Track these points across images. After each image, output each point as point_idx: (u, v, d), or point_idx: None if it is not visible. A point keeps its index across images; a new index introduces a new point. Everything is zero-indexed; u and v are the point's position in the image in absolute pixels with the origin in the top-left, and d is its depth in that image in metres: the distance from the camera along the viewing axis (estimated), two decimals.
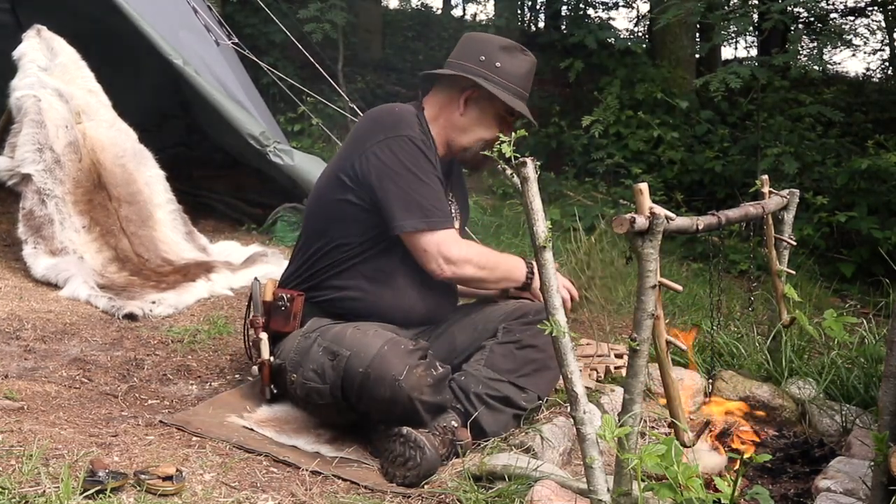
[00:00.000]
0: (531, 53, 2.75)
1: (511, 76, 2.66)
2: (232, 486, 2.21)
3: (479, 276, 2.65)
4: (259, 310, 2.78)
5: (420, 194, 2.55)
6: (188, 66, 5.01)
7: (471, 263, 2.61)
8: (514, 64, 2.68)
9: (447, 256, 2.57)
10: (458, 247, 2.60)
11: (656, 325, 1.91)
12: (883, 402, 1.93)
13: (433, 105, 2.74)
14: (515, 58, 2.69)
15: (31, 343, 3.29)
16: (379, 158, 2.57)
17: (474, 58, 2.67)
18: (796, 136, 7.08)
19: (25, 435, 2.36)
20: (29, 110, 4.28)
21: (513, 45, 2.72)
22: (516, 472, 2.20)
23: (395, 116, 2.64)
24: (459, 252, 2.59)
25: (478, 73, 2.64)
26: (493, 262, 2.69)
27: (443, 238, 2.57)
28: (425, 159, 2.58)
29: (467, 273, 2.62)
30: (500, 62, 2.66)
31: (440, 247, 2.56)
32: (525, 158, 1.92)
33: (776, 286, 2.99)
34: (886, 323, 3.37)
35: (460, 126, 2.70)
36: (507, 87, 2.65)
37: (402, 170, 2.55)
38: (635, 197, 1.86)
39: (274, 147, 5.24)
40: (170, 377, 3.10)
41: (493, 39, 2.74)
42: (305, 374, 2.53)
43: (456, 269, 2.59)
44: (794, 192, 3.07)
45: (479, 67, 2.65)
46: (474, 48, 2.71)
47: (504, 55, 2.67)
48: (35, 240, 4.15)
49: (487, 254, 2.72)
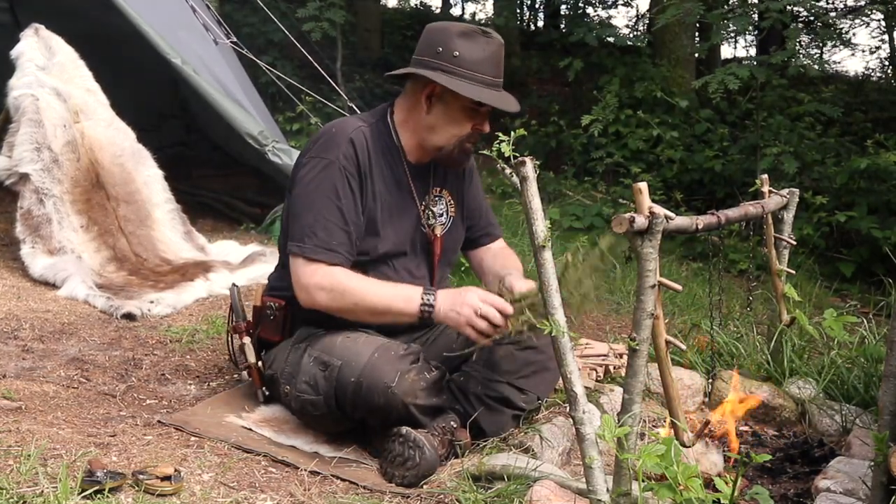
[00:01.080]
0: (496, 35, 2.55)
1: (472, 63, 2.47)
2: (230, 486, 2.21)
3: (335, 306, 2.47)
4: (241, 316, 2.79)
5: (306, 218, 2.48)
6: (187, 66, 5.01)
7: (324, 291, 2.45)
8: (474, 50, 2.48)
9: (299, 282, 2.49)
10: (314, 273, 2.46)
11: (656, 324, 1.91)
12: (883, 402, 1.92)
13: (401, 108, 2.63)
14: (475, 42, 2.49)
15: (29, 343, 3.28)
16: (293, 176, 2.58)
17: (432, 50, 2.51)
18: (796, 135, 7.08)
19: (23, 435, 2.35)
20: (27, 109, 4.28)
21: (472, 30, 2.52)
22: (515, 472, 2.19)
23: (327, 136, 2.55)
24: (313, 279, 2.45)
25: (434, 67, 2.48)
26: (359, 292, 2.45)
27: (302, 266, 2.47)
28: (331, 185, 2.48)
29: (321, 301, 2.47)
30: (459, 50, 2.47)
31: (297, 270, 2.49)
32: (524, 158, 1.91)
33: (776, 286, 2.99)
34: (886, 322, 3.37)
35: (429, 126, 2.56)
36: (469, 76, 2.46)
37: (302, 191, 2.51)
38: (635, 196, 1.85)
39: (272, 146, 5.23)
40: (168, 377, 3.09)
41: (450, 27, 2.54)
42: (298, 386, 2.51)
43: (306, 297, 2.48)
44: (793, 192, 3.07)
45: (435, 60, 2.49)
46: (431, 40, 2.54)
47: (462, 42, 2.48)
48: (33, 239, 4.15)
49: (354, 285, 2.46)
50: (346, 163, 2.50)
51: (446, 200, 2.75)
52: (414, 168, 2.64)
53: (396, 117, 2.63)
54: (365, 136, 2.56)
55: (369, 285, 2.47)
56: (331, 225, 2.47)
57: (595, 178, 7.94)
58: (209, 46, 5.42)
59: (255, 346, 2.75)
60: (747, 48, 12.26)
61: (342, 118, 2.72)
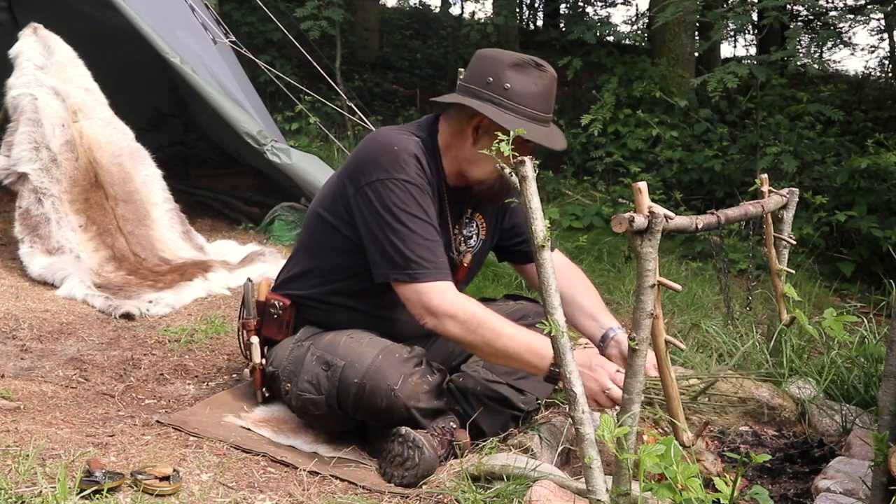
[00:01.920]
0: (550, 68, 2.47)
1: (524, 97, 2.40)
2: (229, 486, 2.20)
3: (465, 339, 2.37)
4: (252, 312, 2.77)
5: (405, 243, 2.38)
6: (185, 65, 5.00)
7: (456, 321, 2.35)
8: (526, 83, 2.41)
9: (428, 307, 2.37)
10: (444, 299, 2.37)
11: (655, 324, 1.90)
12: (883, 402, 1.92)
13: (445, 132, 2.54)
14: (528, 75, 2.42)
15: (28, 342, 3.28)
16: (369, 201, 2.42)
17: (482, 79, 2.43)
18: (795, 134, 7.08)
19: (22, 435, 2.35)
20: (25, 109, 4.28)
21: (525, 61, 2.44)
22: (514, 472, 2.19)
23: (392, 155, 2.43)
24: (443, 305, 2.36)
25: (484, 98, 2.40)
26: (492, 330, 2.35)
27: (426, 289, 2.37)
28: (416, 205, 2.40)
29: (450, 330, 2.37)
30: (511, 82, 2.40)
31: (421, 297, 2.37)
32: (523, 157, 1.91)
33: (776, 285, 2.98)
34: (887, 322, 3.36)
35: (472, 158, 2.47)
36: (519, 110, 2.40)
37: (390, 216, 2.39)
38: (634, 196, 1.84)
39: (271, 146, 5.23)
40: (167, 377, 3.09)
41: (503, 56, 2.46)
42: (300, 384, 2.50)
43: (437, 323, 2.37)
44: (793, 191, 3.06)
45: (486, 91, 2.41)
46: (482, 68, 2.45)
47: (514, 74, 2.41)
48: (31, 239, 4.15)
49: (488, 320, 2.36)
50: (421, 181, 2.43)
51: (477, 222, 2.71)
52: (451, 190, 2.58)
53: (440, 139, 2.54)
54: (425, 154, 2.48)
55: (504, 325, 2.37)
56: (431, 244, 2.41)
57: (594, 178, 7.94)
58: (208, 46, 5.42)
59: (260, 344, 2.74)
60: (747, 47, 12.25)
61: (390, 131, 2.57)
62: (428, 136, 2.54)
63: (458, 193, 2.60)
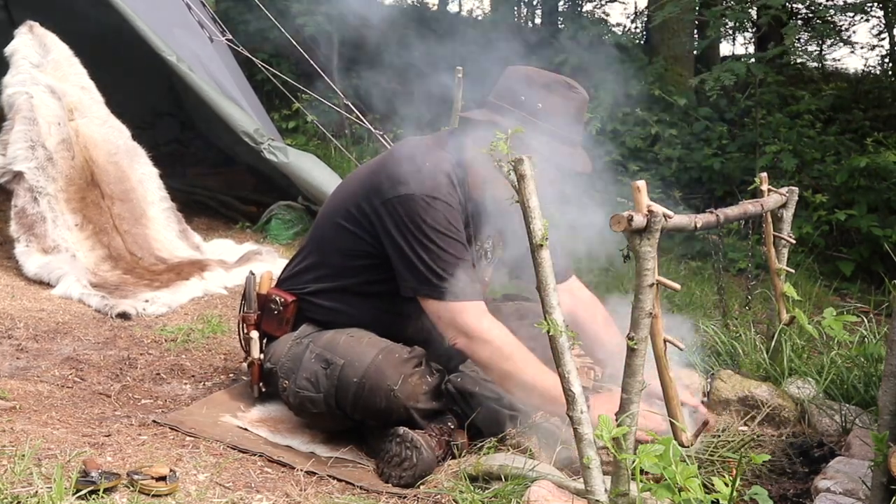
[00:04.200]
0: (581, 89, 2.44)
1: (555, 119, 2.37)
2: (226, 486, 2.20)
3: (492, 366, 2.35)
4: (253, 306, 2.75)
5: (437, 261, 2.36)
6: (182, 63, 4.99)
7: (489, 347, 2.34)
8: (558, 104, 2.38)
9: (461, 327, 2.36)
10: (480, 321, 2.36)
11: (654, 323, 1.90)
12: (883, 402, 1.91)
13: (471, 148, 2.46)
14: (561, 96, 2.39)
15: (24, 342, 3.27)
16: (398, 215, 2.39)
17: (513, 97, 2.40)
18: (795, 133, 7.06)
19: (17, 435, 2.35)
20: (21, 107, 4.27)
21: (557, 82, 2.42)
22: (513, 472, 2.18)
23: (424, 172, 2.40)
24: (479, 328, 2.35)
25: (515, 117, 2.34)
26: (520, 365, 2.33)
27: (461, 308, 2.36)
28: (448, 223, 2.38)
29: (482, 354, 2.35)
30: (543, 103, 2.37)
31: (455, 317, 2.36)
32: (522, 156, 1.90)
33: (775, 285, 2.97)
34: (887, 322, 3.35)
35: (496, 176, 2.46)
36: (550, 131, 2.36)
37: (421, 234, 2.36)
38: (633, 194, 1.83)
39: (268, 144, 5.22)
40: (163, 376, 3.08)
41: (535, 76, 2.44)
42: (298, 382, 2.49)
43: (470, 345, 2.36)
44: (793, 190, 3.05)
45: (517, 110, 2.37)
46: (514, 87, 2.42)
47: (547, 94, 2.38)
48: (27, 238, 4.14)
49: (521, 356, 2.34)
50: (453, 199, 2.41)
51: (493, 240, 2.70)
52: (475, 205, 2.55)
53: (468, 155, 2.49)
54: (455, 172, 2.46)
55: (531, 362, 2.34)
56: (463, 263, 2.40)
57: (593, 177, 7.91)
58: (205, 44, 5.40)
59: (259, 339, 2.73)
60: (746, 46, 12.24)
61: (421, 144, 2.53)
62: (456, 150, 2.51)
63: (479, 210, 2.57)
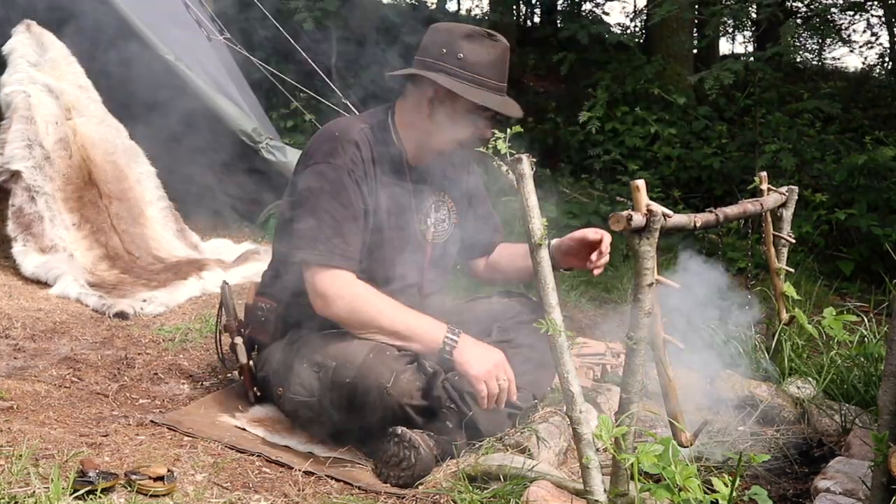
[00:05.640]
0: (502, 38, 2.50)
1: (477, 67, 2.42)
2: (224, 486, 2.20)
3: (350, 319, 2.42)
4: (232, 314, 2.76)
5: (313, 227, 2.41)
6: (180, 62, 4.98)
7: (342, 301, 2.41)
8: (479, 52, 2.43)
9: (318, 289, 2.42)
10: (334, 282, 2.41)
11: (653, 323, 1.89)
12: (883, 402, 1.90)
13: (402, 110, 2.58)
14: (481, 45, 2.44)
15: (21, 342, 3.26)
16: (296, 186, 2.50)
17: (435, 51, 2.46)
18: (795, 132, 7.05)
19: (15, 435, 2.35)
20: (18, 106, 4.26)
21: (477, 32, 2.47)
22: (511, 472, 2.18)
23: (332, 141, 2.49)
24: (332, 288, 2.40)
25: (438, 69, 2.43)
26: (378, 310, 2.41)
27: (321, 273, 2.41)
28: (342, 190, 2.43)
29: (337, 312, 2.42)
30: (464, 52, 2.42)
31: (315, 279, 2.42)
32: (520, 155, 1.89)
33: (775, 284, 2.98)
34: (886, 321, 3.35)
35: (430, 129, 2.51)
36: (473, 79, 2.42)
37: (313, 198, 2.43)
38: (632, 194, 1.83)
39: (266, 143, 5.21)
40: (161, 376, 3.07)
41: (456, 28, 2.50)
42: (292, 388, 2.50)
43: (326, 305, 2.42)
44: (792, 189, 3.06)
45: (439, 62, 2.44)
46: (435, 40, 2.48)
47: (467, 43, 2.43)
48: (24, 237, 4.13)
49: (376, 301, 2.43)
50: (354, 167, 2.46)
51: (448, 207, 2.73)
52: (415, 171, 2.61)
53: (397, 119, 2.58)
54: (368, 139, 2.52)
55: (392, 306, 2.43)
56: (345, 231, 2.43)
57: (592, 176, 7.91)
58: (203, 43, 5.39)
59: (246, 346, 2.73)
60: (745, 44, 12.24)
61: (342, 119, 2.67)
62: (381, 120, 2.58)
63: (423, 174, 2.62)
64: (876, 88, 9.28)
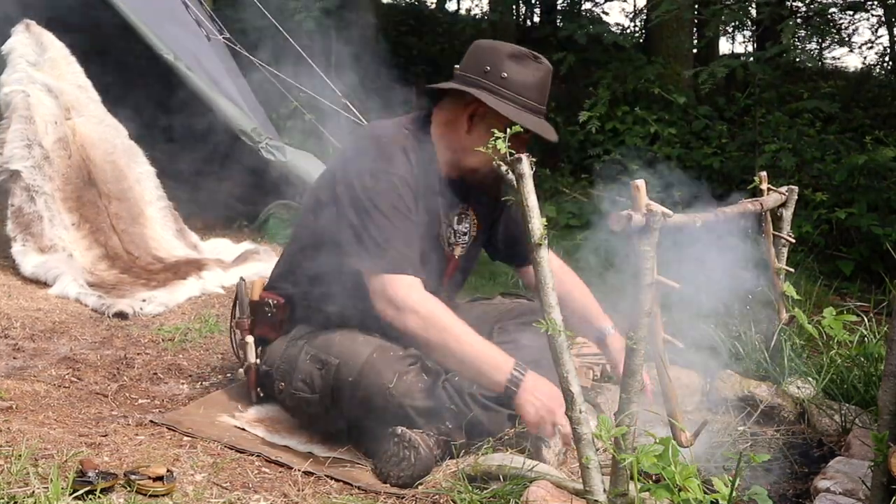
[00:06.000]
0: (546, 61, 2.50)
1: (520, 87, 2.43)
2: (223, 486, 2.19)
3: (422, 336, 2.34)
4: (245, 311, 2.75)
5: (381, 233, 2.37)
6: (179, 62, 4.98)
7: (417, 316, 2.33)
8: (523, 73, 2.44)
9: (391, 298, 2.35)
10: (409, 294, 2.35)
11: (653, 323, 1.89)
12: (883, 402, 1.90)
13: (439, 122, 2.55)
14: (526, 66, 2.45)
15: (20, 342, 3.26)
16: (352, 189, 2.43)
17: (479, 68, 2.45)
18: (795, 131, 7.05)
19: (14, 435, 2.35)
20: (17, 106, 4.26)
21: (523, 53, 2.47)
22: (511, 472, 2.17)
23: (382, 147, 2.46)
24: (408, 300, 2.34)
25: (481, 86, 2.42)
26: (449, 334, 2.33)
27: (393, 280, 2.35)
28: (398, 197, 2.40)
29: (409, 325, 2.34)
30: (508, 72, 2.42)
31: (387, 287, 2.35)
32: (520, 154, 1.89)
33: (775, 284, 2.97)
34: (887, 321, 3.34)
35: (466, 146, 2.46)
36: (515, 99, 2.42)
37: (370, 205, 2.38)
38: (632, 193, 1.83)
39: (266, 143, 5.21)
40: (160, 376, 3.07)
41: (501, 47, 2.50)
42: (294, 383, 2.50)
43: (398, 316, 2.35)
44: (792, 189, 3.05)
45: (482, 79, 2.43)
46: (480, 57, 2.48)
47: (512, 64, 2.43)
48: (24, 237, 4.12)
49: (450, 323, 2.35)
50: (407, 175, 2.43)
51: (471, 220, 2.70)
52: (445, 182, 2.57)
53: (433, 129, 2.55)
54: (414, 147, 2.49)
55: (465, 332, 2.35)
56: (410, 239, 2.40)
57: (592, 176, 7.91)
58: (202, 42, 5.39)
59: (255, 344, 2.72)
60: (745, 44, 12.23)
61: (384, 122, 2.59)
62: (420, 128, 2.55)
63: (452, 186, 2.60)
64: (876, 88, 9.27)
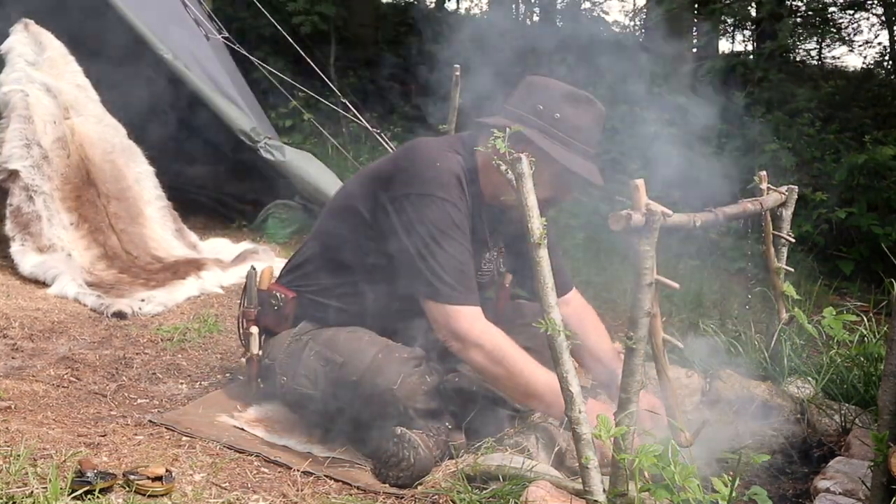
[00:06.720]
0: (598, 103, 2.45)
1: (572, 129, 2.37)
2: (222, 486, 2.19)
3: (488, 370, 2.35)
4: (253, 301, 2.74)
5: (439, 263, 2.34)
6: (178, 61, 4.98)
7: (481, 350, 2.33)
8: (576, 115, 2.39)
9: (455, 331, 2.34)
10: (472, 326, 2.34)
11: (653, 323, 1.89)
12: (883, 402, 1.90)
13: (486, 154, 2.46)
14: (579, 108, 2.40)
15: (19, 341, 3.26)
16: (406, 213, 2.38)
17: (531, 106, 2.40)
18: (794, 131, 7.05)
19: (13, 435, 2.34)
20: (16, 105, 4.25)
21: (577, 94, 2.42)
22: (510, 472, 2.17)
23: (435, 171, 2.39)
24: (472, 333, 2.33)
25: (532, 124, 2.36)
26: (515, 367, 2.32)
27: (456, 313, 2.34)
28: (454, 226, 2.37)
29: (474, 358, 2.35)
30: (561, 113, 2.37)
31: (450, 320, 2.34)
32: (520, 154, 1.89)
33: (775, 284, 2.97)
34: (886, 321, 3.34)
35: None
36: (567, 141, 2.37)
37: (426, 233, 2.35)
38: (632, 193, 1.82)
39: (265, 143, 5.21)
40: (159, 376, 3.07)
41: (556, 87, 2.44)
42: (297, 379, 2.49)
43: (463, 349, 2.35)
44: (792, 189, 3.05)
45: (535, 118, 2.38)
46: (532, 95, 2.42)
47: (566, 105, 2.38)
48: (23, 237, 4.12)
49: (513, 355, 2.34)
50: (460, 202, 2.40)
51: (498, 251, 2.68)
52: (489, 209, 2.54)
53: (479, 159, 2.48)
54: (464, 174, 2.45)
55: (528, 363, 2.34)
56: (464, 267, 2.38)
57: None
58: (201, 42, 5.39)
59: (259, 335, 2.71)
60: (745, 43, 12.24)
61: (435, 144, 2.53)
62: (469, 153, 2.50)
63: (495, 213, 2.55)
64: (876, 88, 9.27)
